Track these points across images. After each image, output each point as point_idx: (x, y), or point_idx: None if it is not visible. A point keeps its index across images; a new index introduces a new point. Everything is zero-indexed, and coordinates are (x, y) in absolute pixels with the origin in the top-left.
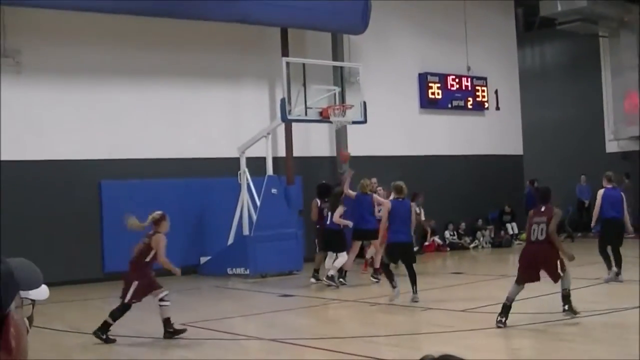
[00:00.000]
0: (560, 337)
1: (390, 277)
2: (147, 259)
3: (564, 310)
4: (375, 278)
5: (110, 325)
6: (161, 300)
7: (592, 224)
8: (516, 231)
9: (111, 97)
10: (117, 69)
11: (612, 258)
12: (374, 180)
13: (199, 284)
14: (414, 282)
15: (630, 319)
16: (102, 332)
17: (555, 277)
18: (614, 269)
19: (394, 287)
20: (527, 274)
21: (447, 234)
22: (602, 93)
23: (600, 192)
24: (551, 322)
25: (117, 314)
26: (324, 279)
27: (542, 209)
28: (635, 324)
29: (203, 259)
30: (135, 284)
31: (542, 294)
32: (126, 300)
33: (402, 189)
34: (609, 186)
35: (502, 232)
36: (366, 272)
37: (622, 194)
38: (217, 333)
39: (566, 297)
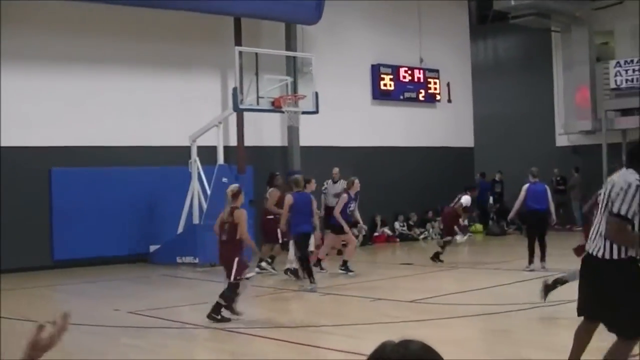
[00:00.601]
0: (507, 327)
1: (310, 272)
2: (238, 236)
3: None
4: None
5: (222, 306)
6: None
7: (510, 216)
8: (465, 223)
9: (63, 85)
10: (69, 56)
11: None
12: (336, 170)
13: (148, 272)
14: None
15: (568, 312)
16: (216, 313)
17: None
18: (537, 263)
19: (312, 282)
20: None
21: (397, 225)
22: (553, 87)
23: (525, 186)
24: (500, 313)
25: (227, 293)
26: (288, 272)
27: None
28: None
29: (153, 247)
30: (236, 261)
31: (492, 285)
32: (232, 279)
33: (299, 182)
34: (534, 181)
35: None
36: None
37: (547, 187)
38: (165, 321)
39: (556, 283)
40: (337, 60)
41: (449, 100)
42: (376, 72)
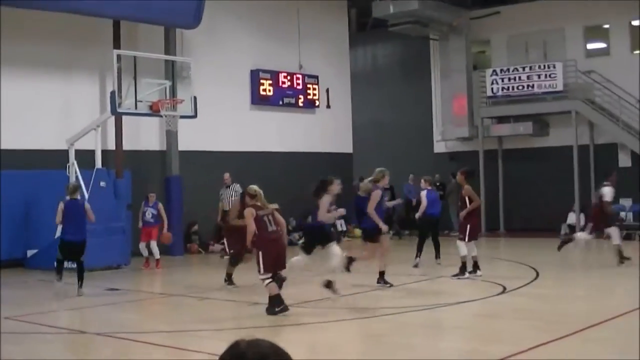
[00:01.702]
0: (381, 332)
1: (59, 272)
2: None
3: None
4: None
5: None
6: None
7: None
8: (344, 228)
9: None
10: None
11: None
12: (227, 175)
13: (25, 278)
14: (80, 278)
15: (442, 316)
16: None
17: None
18: (418, 259)
19: (58, 280)
20: None
21: None
22: (431, 94)
23: (424, 193)
24: (375, 317)
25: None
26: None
27: None
28: (449, 320)
29: (30, 252)
30: None
31: (367, 290)
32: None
33: (74, 190)
34: (429, 188)
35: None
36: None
37: (437, 194)
38: (41, 327)
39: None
40: (216, 64)
41: (328, 106)
42: (255, 77)
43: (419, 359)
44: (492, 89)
